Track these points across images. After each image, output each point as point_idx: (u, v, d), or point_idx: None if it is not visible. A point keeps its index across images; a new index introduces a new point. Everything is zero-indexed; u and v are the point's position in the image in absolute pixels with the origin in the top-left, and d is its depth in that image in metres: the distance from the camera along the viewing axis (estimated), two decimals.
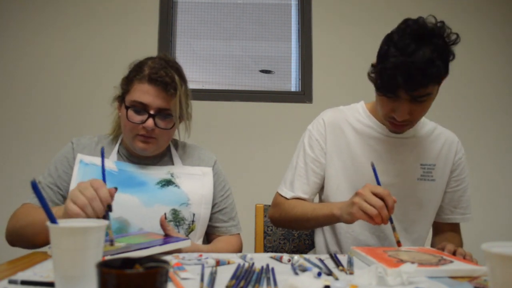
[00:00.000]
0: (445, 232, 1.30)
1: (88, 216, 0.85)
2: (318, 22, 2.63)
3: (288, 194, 1.26)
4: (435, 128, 1.29)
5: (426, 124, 1.28)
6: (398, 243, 1.00)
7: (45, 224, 0.60)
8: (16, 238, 1.08)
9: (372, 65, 1.15)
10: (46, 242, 1.01)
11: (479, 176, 2.49)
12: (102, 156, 0.98)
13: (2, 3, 2.56)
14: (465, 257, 0.98)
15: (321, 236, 1.30)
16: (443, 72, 1.04)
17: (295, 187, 1.26)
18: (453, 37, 1.06)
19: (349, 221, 1.04)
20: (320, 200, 1.32)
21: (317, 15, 2.62)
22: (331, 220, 1.12)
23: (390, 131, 1.21)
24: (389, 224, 1.00)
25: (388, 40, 1.08)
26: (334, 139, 1.26)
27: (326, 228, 1.27)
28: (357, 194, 1.01)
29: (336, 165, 1.25)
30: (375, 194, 0.98)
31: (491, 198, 2.50)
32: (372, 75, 1.14)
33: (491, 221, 2.45)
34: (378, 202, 0.96)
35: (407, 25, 1.05)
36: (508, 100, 2.61)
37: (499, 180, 2.54)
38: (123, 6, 2.60)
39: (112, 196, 0.89)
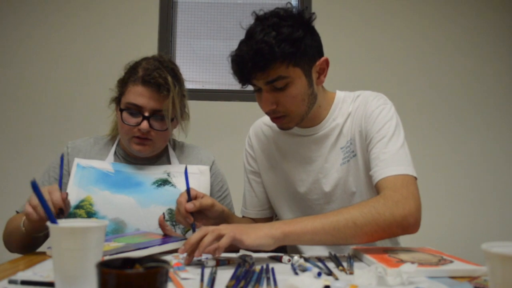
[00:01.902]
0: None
1: (40, 216, 0.90)
2: (317, 22, 2.63)
3: (246, 213, 1.28)
4: (354, 102, 1.15)
5: (343, 107, 1.16)
6: None
7: (20, 229, 0.61)
8: (8, 244, 1.12)
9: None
10: (33, 247, 1.08)
11: (479, 176, 2.49)
12: (61, 163, 0.99)
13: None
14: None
15: None
16: (292, 50, 0.98)
17: (247, 203, 1.29)
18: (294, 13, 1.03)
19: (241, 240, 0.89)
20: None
21: (317, 15, 2.62)
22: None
23: (280, 128, 1.12)
24: None
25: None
26: (261, 148, 1.26)
27: None
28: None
29: (268, 172, 1.25)
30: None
31: (491, 198, 2.50)
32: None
33: (491, 221, 2.45)
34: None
35: (255, 17, 1.05)
36: (509, 100, 2.61)
37: (499, 180, 2.54)
38: (123, 6, 2.59)
39: (63, 201, 0.93)
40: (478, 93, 2.58)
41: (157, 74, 1.11)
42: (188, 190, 1.00)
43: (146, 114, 1.11)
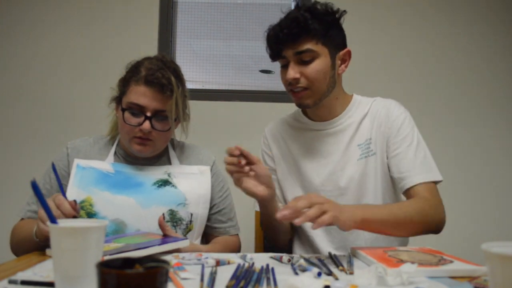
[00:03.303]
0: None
1: (65, 215, 0.90)
2: None
3: (256, 207, 1.29)
4: (371, 106, 1.24)
5: (360, 107, 1.24)
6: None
7: (32, 239, 0.61)
8: (18, 252, 1.10)
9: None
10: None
11: (479, 176, 2.49)
12: (55, 171, 0.98)
13: None
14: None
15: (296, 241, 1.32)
16: (322, 30, 1.11)
17: None
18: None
19: (254, 193, 1.08)
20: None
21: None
22: (265, 209, 1.15)
23: (297, 106, 1.22)
24: None
25: None
26: (276, 146, 1.33)
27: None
28: None
29: (284, 169, 1.30)
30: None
31: (491, 198, 2.50)
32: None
33: (491, 221, 2.45)
34: None
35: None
36: (509, 99, 2.61)
37: (499, 180, 2.54)
38: (123, 6, 2.59)
39: (74, 208, 0.92)
40: (479, 93, 2.57)
41: (160, 74, 1.10)
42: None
43: (148, 114, 1.11)
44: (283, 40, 1.11)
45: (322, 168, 1.22)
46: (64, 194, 0.95)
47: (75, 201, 0.94)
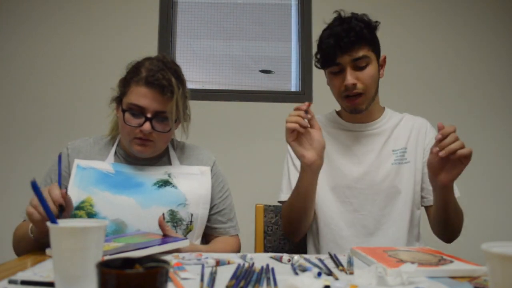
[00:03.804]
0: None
1: (42, 216, 0.89)
2: (318, 22, 2.63)
3: (282, 197, 1.32)
4: (402, 118, 1.35)
5: (392, 117, 1.34)
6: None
7: (28, 237, 0.61)
8: (18, 252, 1.10)
9: (315, 56, 1.28)
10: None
11: (479, 176, 2.49)
12: (59, 161, 0.98)
13: None
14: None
15: (310, 239, 1.34)
16: (371, 38, 1.22)
17: (283, 190, 1.33)
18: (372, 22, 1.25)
19: (302, 151, 1.12)
20: None
21: (317, 15, 2.62)
22: (305, 176, 1.16)
23: (350, 111, 1.27)
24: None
25: (322, 32, 1.26)
26: None
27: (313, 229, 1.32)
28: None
29: None
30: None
31: (491, 198, 2.50)
32: (317, 64, 1.27)
33: (491, 221, 2.45)
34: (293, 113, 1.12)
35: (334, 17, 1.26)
36: (509, 98, 2.61)
37: (499, 180, 2.54)
38: (123, 6, 2.60)
39: (63, 197, 0.92)
40: (480, 92, 2.58)
41: (161, 76, 1.10)
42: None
43: (149, 115, 1.11)
44: (342, 48, 1.17)
45: (356, 166, 1.28)
46: (60, 182, 0.95)
47: (66, 189, 0.96)
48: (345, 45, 1.17)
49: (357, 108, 1.24)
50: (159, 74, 1.10)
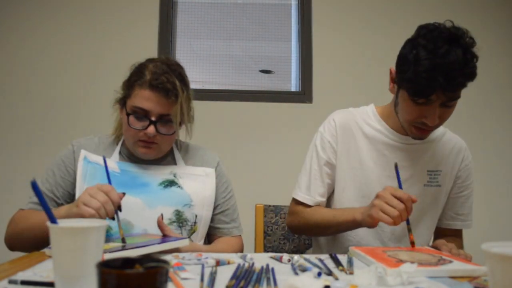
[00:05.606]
0: (447, 237, 1.28)
1: (100, 217, 0.91)
2: (318, 22, 2.63)
3: (305, 199, 1.25)
4: (445, 134, 1.28)
5: (435, 132, 1.24)
6: (412, 244, 1.00)
7: (45, 225, 0.60)
8: (16, 242, 1.09)
9: (397, 72, 1.13)
10: (46, 244, 1.02)
11: (479, 176, 2.48)
12: (105, 164, 1.01)
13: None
14: (460, 256, 0.98)
15: (322, 238, 1.31)
16: (476, 72, 1.03)
17: (312, 191, 1.25)
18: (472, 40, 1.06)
19: (371, 224, 1.04)
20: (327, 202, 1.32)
21: (317, 15, 2.62)
22: (352, 225, 1.12)
23: (414, 138, 1.18)
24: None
25: (413, 45, 1.07)
26: (345, 142, 1.26)
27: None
28: (377, 196, 1.02)
29: (345, 167, 1.25)
30: (395, 197, 0.99)
31: (491, 198, 2.50)
32: (401, 83, 1.10)
33: (491, 221, 2.45)
34: (399, 205, 0.97)
35: (432, 28, 1.05)
36: (510, 98, 2.61)
37: (499, 180, 2.54)
38: (123, 6, 2.59)
39: (120, 199, 0.96)
40: (480, 94, 2.57)
41: (165, 79, 1.09)
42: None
43: (153, 118, 1.10)
44: (446, 88, 1.01)
45: (390, 180, 1.19)
46: (110, 183, 0.98)
47: (124, 193, 0.98)
48: (451, 87, 1.01)
49: (422, 138, 1.17)
50: (163, 77, 1.09)
